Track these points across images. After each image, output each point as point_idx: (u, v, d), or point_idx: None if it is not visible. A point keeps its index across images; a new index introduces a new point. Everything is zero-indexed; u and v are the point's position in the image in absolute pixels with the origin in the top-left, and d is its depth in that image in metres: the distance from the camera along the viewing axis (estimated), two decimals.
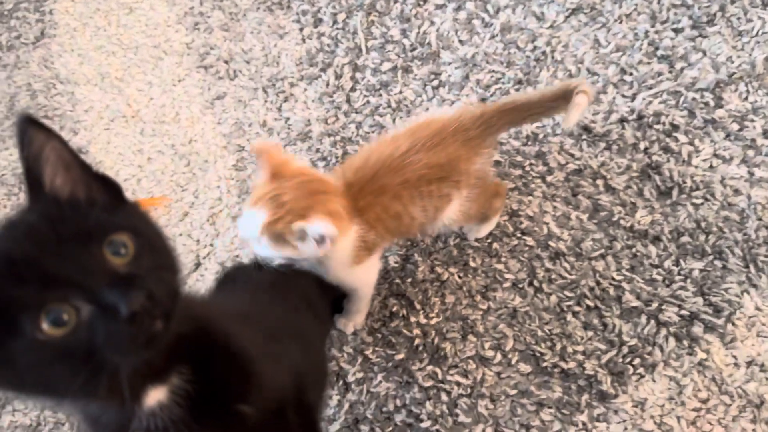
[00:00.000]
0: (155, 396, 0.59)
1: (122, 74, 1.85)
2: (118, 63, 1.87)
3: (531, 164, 1.47)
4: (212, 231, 1.59)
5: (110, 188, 0.60)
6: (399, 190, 1.13)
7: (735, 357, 1.23)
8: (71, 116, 1.82)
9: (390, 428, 1.31)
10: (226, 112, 1.71)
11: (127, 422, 0.58)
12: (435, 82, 1.59)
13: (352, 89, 1.63)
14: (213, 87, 1.75)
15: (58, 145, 0.56)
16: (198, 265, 1.57)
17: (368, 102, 1.61)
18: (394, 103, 1.59)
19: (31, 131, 0.54)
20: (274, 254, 1.06)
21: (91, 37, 1.92)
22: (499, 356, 1.32)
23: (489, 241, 1.42)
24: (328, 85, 1.65)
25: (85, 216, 0.54)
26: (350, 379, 1.36)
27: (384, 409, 1.32)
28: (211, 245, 1.58)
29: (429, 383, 1.32)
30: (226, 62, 1.76)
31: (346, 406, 1.34)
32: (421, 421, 1.30)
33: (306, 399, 0.76)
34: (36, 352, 0.49)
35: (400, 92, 1.60)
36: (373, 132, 1.59)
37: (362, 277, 1.25)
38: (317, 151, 1.60)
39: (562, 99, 1.16)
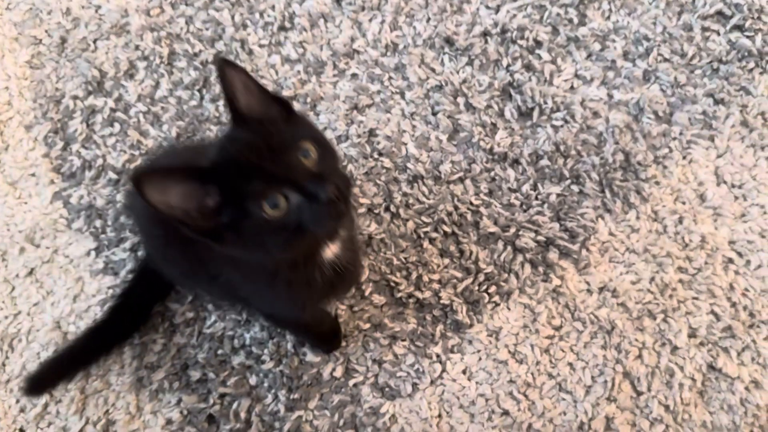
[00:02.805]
0: (331, 251, 0.84)
1: None
2: None
3: (390, 78, 1.32)
4: (0, 143, 1.28)
5: (283, 105, 0.78)
6: None
7: (588, 283, 1.20)
8: None
9: (226, 372, 1.14)
10: None
11: (312, 273, 0.84)
12: None
13: None
14: None
15: (243, 76, 0.74)
16: None
17: None
18: None
19: (227, 69, 0.72)
20: None
21: None
22: (352, 288, 1.19)
23: (344, 163, 1.26)
24: None
25: (278, 130, 0.73)
26: (178, 320, 1.17)
27: (219, 352, 1.15)
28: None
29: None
30: None
31: (173, 350, 1.15)
32: (263, 362, 1.15)
33: None
34: (260, 227, 0.70)
35: None
36: (207, 29, 1.34)
37: None
38: (137, 48, 1.32)
39: None
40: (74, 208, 1.24)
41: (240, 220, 0.70)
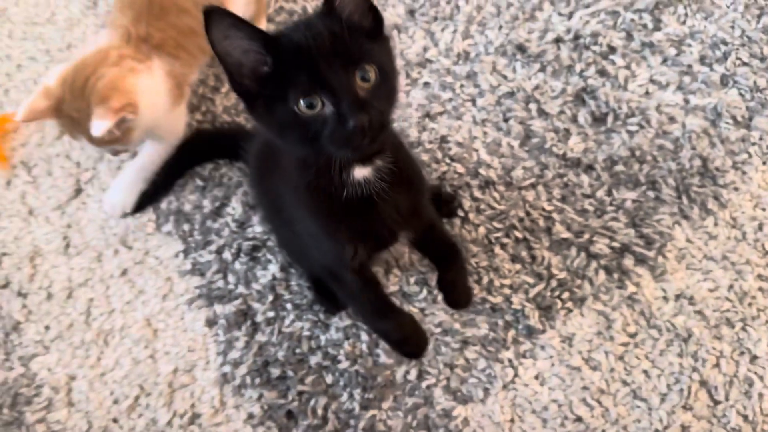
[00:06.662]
0: (361, 173, 0.82)
1: None
2: None
3: (461, 86, 1.35)
4: (95, 152, 1.37)
5: (377, 19, 0.77)
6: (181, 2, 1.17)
7: (664, 290, 1.19)
8: None
9: (303, 371, 1.19)
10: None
11: (340, 187, 0.82)
12: None
13: None
14: None
15: None
16: (79, 191, 1.36)
17: None
18: None
19: None
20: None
21: None
22: (424, 292, 1.22)
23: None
24: None
25: (354, 41, 0.72)
26: (259, 318, 1.22)
27: (297, 351, 1.20)
28: (94, 168, 1.37)
29: (347, 322, 1.21)
30: None
31: (255, 347, 1.21)
32: (339, 362, 1.19)
33: None
34: (288, 117, 0.72)
35: None
36: None
37: (175, 124, 1.27)
38: None
39: None
40: (163, 212, 1.32)
41: (277, 99, 0.72)
